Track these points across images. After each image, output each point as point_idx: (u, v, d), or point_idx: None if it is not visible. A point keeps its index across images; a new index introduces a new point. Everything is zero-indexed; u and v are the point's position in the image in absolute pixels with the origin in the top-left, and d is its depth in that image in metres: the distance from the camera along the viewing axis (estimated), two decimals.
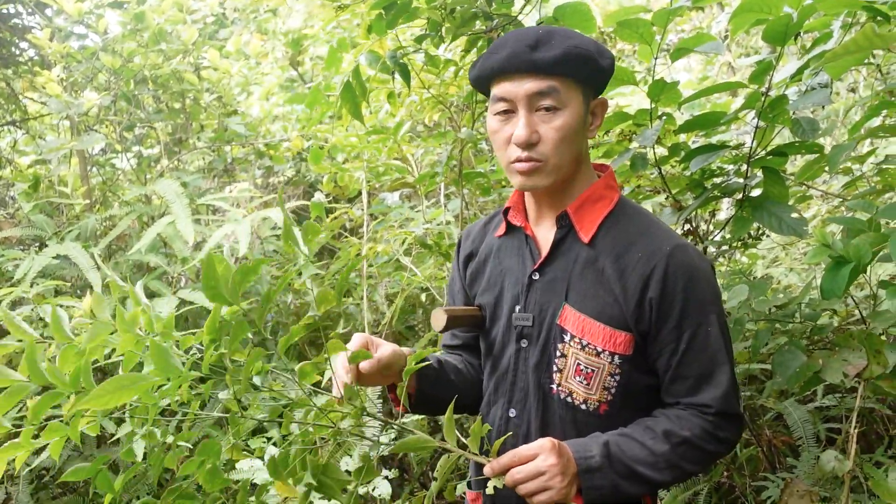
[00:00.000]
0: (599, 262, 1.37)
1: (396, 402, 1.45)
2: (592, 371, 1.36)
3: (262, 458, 2.57)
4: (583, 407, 1.39)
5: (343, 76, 2.26)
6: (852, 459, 1.57)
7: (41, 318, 2.55)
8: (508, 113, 1.36)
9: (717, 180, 2.14)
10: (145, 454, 1.29)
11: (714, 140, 2.09)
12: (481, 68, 1.38)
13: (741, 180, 1.98)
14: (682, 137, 2.24)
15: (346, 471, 2.19)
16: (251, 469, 2.48)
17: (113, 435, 2.72)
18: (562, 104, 1.33)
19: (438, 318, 1.49)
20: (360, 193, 3.81)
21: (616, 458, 1.30)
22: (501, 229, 1.55)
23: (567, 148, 1.35)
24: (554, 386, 1.40)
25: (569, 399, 1.39)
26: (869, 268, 1.69)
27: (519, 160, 1.35)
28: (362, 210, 3.51)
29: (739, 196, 1.97)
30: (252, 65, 3.83)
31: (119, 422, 2.85)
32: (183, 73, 3.24)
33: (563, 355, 1.38)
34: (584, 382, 1.37)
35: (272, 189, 4.94)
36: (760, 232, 2.00)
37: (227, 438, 1.30)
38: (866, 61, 2.18)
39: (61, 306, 2.05)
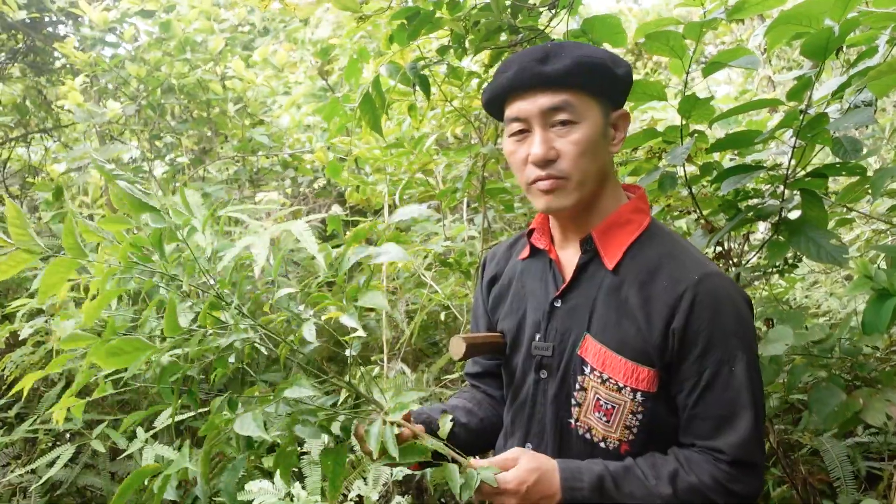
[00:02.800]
0: (623, 290, 1.28)
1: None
2: (613, 407, 1.27)
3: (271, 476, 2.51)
4: (602, 445, 1.30)
5: (362, 87, 2.20)
6: None
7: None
8: (524, 133, 1.29)
9: (753, 202, 2.04)
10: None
11: (749, 160, 1.98)
12: (492, 89, 1.32)
13: (777, 202, 1.87)
14: (716, 156, 2.13)
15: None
16: (261, 491, 2.42)
17: (125, 450, 2.68)
18: (578, 118, 1.25)
19: (457, 347, 1.41)
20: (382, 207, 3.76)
21: (607, 495, 1.21)
22: (525, 252, 1.47)
23: (588, 163, 1.26)
24: (572, 420, 1.31)
25: (587, 435, 1.30)
26: None
27: (539, 179, 1.27)
28: (384, 223, 3.45)
29: (775, 219, 1.86)
30: (279, 74, 3.80)
31: (132, 436, 2.81)
32: (208, 82, 3.21)
33: (583, 388, 1.29)
34: (604, 419, 1.28)
35: (302, 199, 4.91)
36: (797, 258, 1.89)
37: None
38: None
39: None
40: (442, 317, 2.78)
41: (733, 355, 1.22)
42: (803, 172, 1.87)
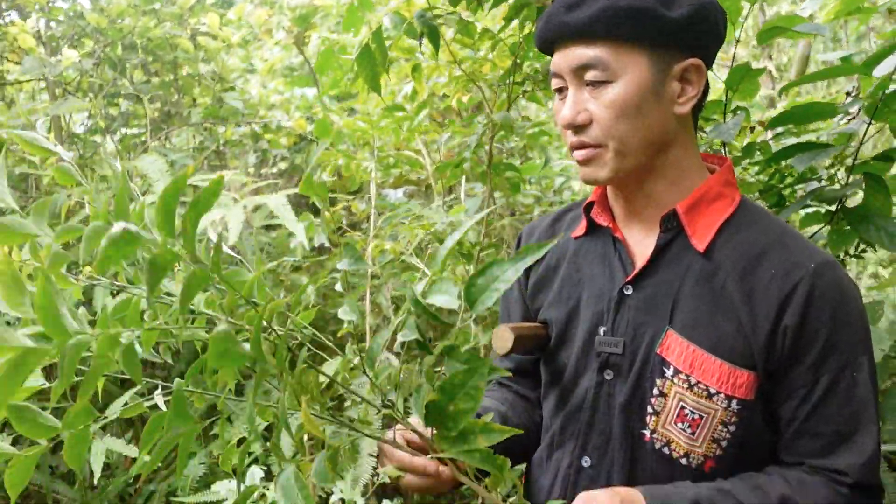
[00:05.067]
0: (719, 277, 1.05)
1: None
2: (701, 417, 1.04)
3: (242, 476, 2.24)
4: (683, 461, 1.06)
5: (361, 38, 1.94)
6: None
7: None
8: (564, 90, 1.08)
9: (800, 186, 1.84)
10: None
11: (803, 140, 1.78)
12: (536, 40, 1.12)
13: (836, 186, 1.67)
14: (764, 137, 1.93)
15: None
16: (230, 492, 2.14)
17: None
18: (611, 75, 1.02)
19: (504, 338, 1.15)
20: (360, 188, 3.48)
21: None
22: (581, 229, 1.22)
23: (629, 127, 1.03)
24: (647, 432, 1.08)
25: (665, 450, 1.07)
26: None
27: (573, 147, 1.07)
28: (367, 203, 3.18)
29: (834, 206, 1.66)
30: (254, 36, 3.49)
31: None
32: (177, 38, 2.89)
33: (663, 394, 1.06)
34: (689, 431, 1.05)
35: (265, 179, 4.59)
36: (861, 249, 1.69)
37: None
38: None
39: None
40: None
41: (857, 360, 1.01)
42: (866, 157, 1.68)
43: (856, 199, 1.71)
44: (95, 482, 1.99)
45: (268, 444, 0.89)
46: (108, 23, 2.86)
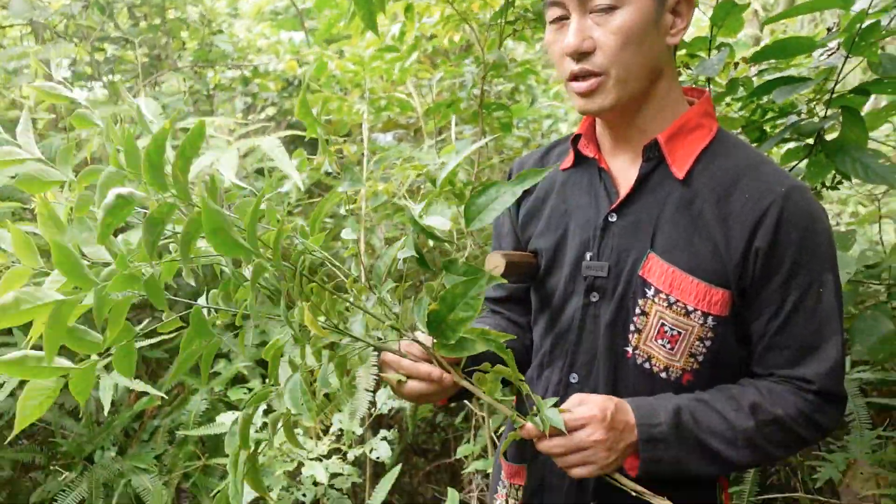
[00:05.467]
0: (696, 203, 1.12)
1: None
2: (679, 333, 1.12)
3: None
4: (662, 375, 1.15)
5: None
6: None
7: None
8: (563, 20, 1.11)
9: (781, 121, 1.90)
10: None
11: (784, 75, 1.83)
12: None
13: (816, 120, 1.73)
14: (748, 74, 1.97)
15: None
16: (234, 423, 2.23)
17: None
18: (619, 1, 1.06)
19: (496, 263, 1.23)
20: (350, 132, 3.50)
21: (686, 429, 1.07)
22: (568, 161, 1.28)
23: (632, 55, 1.08)
24: (630, 349, 1.16)
25: (646, 365, 1.15)
26: None
27: (574, 76, 1.10)
28: (358, 146, 3.21)
29: (812, 139, 1.73)
30: None
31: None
32: None
33: (645, 313, 1.14)
34: (668, 346, 1.13)
35: (253, 124, 4.59)
36: (837, 181, 1.76)
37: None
38: None
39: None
40: (430, 244, 2.59)
41: (823, 277, 1.09)
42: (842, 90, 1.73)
43: (834, 133, 1.77)
44: (105, 415, 2.07)
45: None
46: None
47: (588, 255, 1.19)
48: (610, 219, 1.18)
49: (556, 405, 1.05)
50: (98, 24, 2.91)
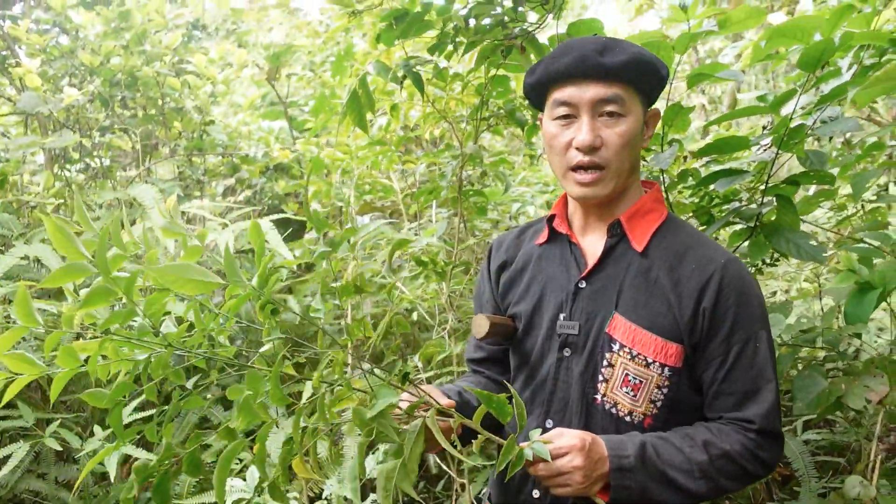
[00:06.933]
0: (653, 271, 1.35)
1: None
2: (640, 382, 1.32)
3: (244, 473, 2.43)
4: (627, 419, 1.34)
5: (349, 85, 2.21)
6: (875, 485, 1.56)
7: (7, 317, 2.38)
8: (570, 118, 1.34)
9: (726, 206, 2.16)
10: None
11: (725, 168, 2.10)
12: (545, 72, 1.35)
13: (754, 206, 1.99)
14: (696, 165, 2.25)
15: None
16: (233, 489, 2.34)
17: (79, 450, 2.54)
18: (625, 111, 1.32)
19: (481, 325, 1.43)
20: (335, 214, 3.73)
21: (650, 461, 1.25)
22: (543, 237, 1.51)
23: (627, 155, 1.33)
24: (598, 396, 1.35)
25: (613, 410, 1.35)
26: None
27: (580, 165, 1.33)
28: (342, 227, 3.43)
29: (752, 223, 1.98)
30: (231, 76, 3.74)
31: (82, 436, 2.67)
32: (165, 77, 3.12)
33: (611, 365, 1.34)
34: (631, 394, 1.33)
35: (227, 210, 4.80)
36: (775, 258, 2.01)
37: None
38: None
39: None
40: (414, 317, 2.78)
41: (757, 333, 1.31)
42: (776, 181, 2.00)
43: (772, 216, 2.03)
44: (112, 481, 2.17)
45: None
46: (99, 63, 3.08)
47: (562, 316, 1.40)
48: (580, 285, 1.40)
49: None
50: (102, 114, 3.13)
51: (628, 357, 1.32)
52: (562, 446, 1.20)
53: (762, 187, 1.96)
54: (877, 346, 2.31)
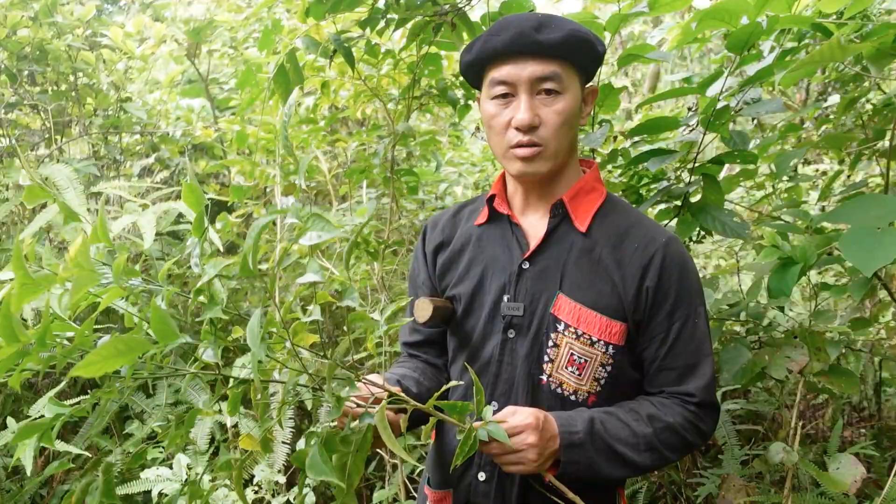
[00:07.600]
0: (596, 251, 1.37)
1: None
2: (585, 361, 1.35)
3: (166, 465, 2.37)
4: (572, 398, 1.37)
5: (277, 59, 2.15)
6: (796, 451, 1.65)
7: None
8: (508, 97, 1.34)
9: (654, 186, 2.22)
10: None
11: (655, 147, 2.16)
12: (482, 49, 1.34)
13: (682, 185, 2.05)
14: (625, 145, 2.30)
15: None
16: (157, 479, 2.28)
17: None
18: (563, 89, 1.32)
19: (424, 309, 1.42)
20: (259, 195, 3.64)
21: (598, 436, 1.28)
22: (482, 217, 1.50)
23: (566, 133, 1.34)
24: (544, 377, 1.37)
25: (559, 390, 1.37)
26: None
27: (520, 144, 1.33)
28: (266, 208, 3.35)
29: (680, 201, 2.04)
30: (149, 51, 3.58)
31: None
32: (78, 51, 2.96)
33: (556, 345, 1.35)
34: (576, 373, 1.35)
35: (145, 191, 4.63)
36: (701, 235, 2.08)
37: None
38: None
39: None
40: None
41: (696, 310, 1.35)
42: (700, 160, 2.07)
43: (698, 195, 2.10)
44: (29, 475, 2.07)
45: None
46: (5, 35, 2.90)
47: (506, 298, 1.40)
48: (524, 266, 1.40)
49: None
50: (6, 85, 2.95)
51: (573, 337, 1.34)
52: (516, 425, 1.20)
53: (689, 167, 2.02)
54: (787, 319, 2.43)
